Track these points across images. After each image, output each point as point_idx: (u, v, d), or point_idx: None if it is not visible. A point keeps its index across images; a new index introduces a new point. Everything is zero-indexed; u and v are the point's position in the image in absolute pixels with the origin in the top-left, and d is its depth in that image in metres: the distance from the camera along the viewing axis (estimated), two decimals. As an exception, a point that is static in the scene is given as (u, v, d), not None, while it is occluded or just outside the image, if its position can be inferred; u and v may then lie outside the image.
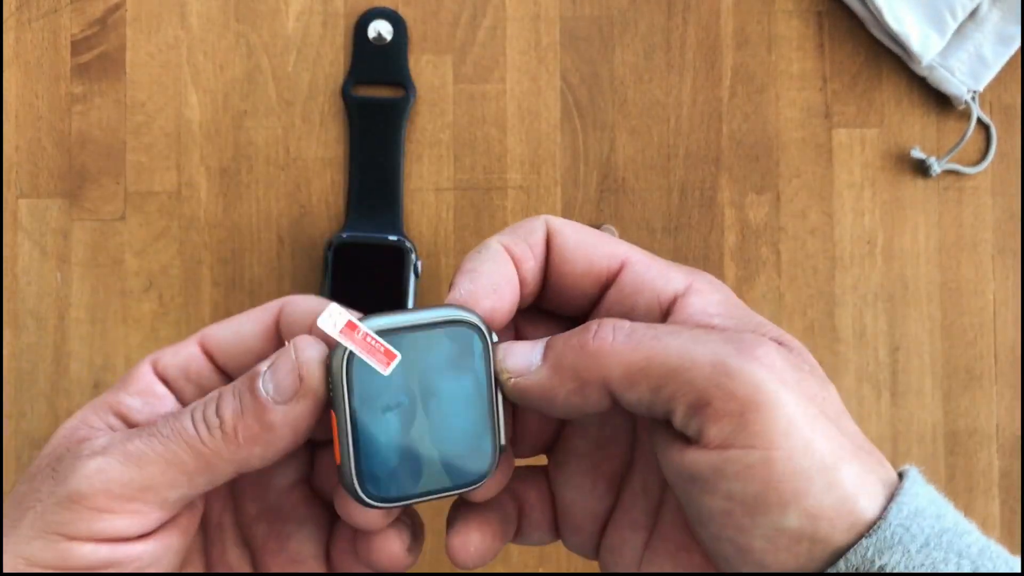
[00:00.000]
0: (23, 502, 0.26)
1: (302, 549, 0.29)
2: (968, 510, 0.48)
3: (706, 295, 0.29)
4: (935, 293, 0.49)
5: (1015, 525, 0.48)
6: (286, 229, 0.48)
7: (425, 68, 0.48)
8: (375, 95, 0.48)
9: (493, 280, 0.27)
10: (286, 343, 0.27)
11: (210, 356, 0.29)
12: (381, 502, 0.26)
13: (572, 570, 0.48)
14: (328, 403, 0.26)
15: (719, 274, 0.48)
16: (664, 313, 0.28)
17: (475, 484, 0.27)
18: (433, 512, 0.48)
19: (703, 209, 0.49)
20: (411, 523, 0.29)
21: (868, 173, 0.49)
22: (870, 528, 0.24)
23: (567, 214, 0.48)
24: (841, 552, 0.24)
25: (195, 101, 0.48)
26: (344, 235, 0.46)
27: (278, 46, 0.48)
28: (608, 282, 0.29)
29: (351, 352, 0.25)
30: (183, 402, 0.29)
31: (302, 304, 0.28)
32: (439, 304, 0.27)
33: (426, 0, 0.48)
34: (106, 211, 0.48)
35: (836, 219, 0.49)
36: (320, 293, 0.46)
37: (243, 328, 0.29)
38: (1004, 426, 0.49)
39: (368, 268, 0.45)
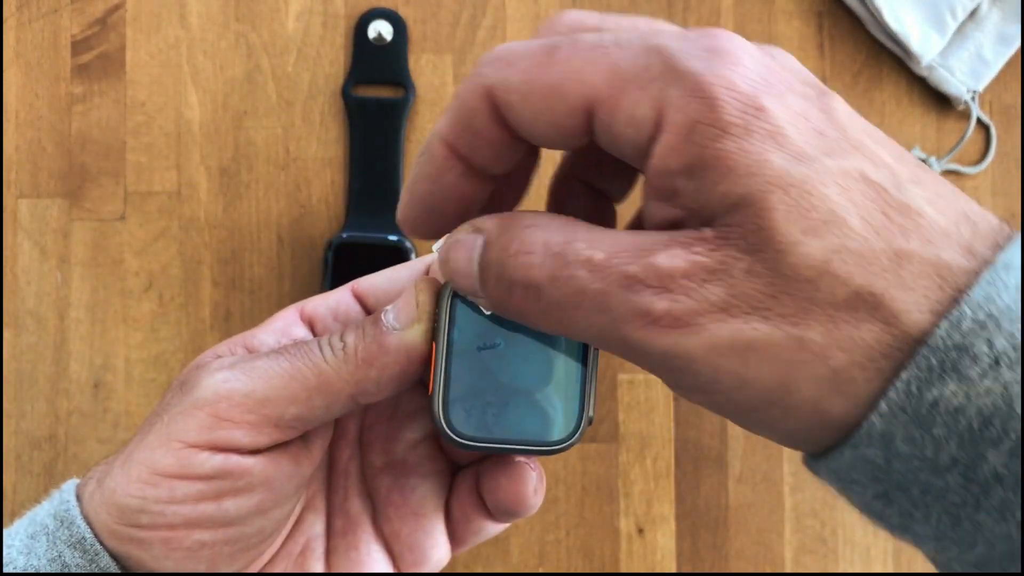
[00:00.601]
0: (152, 418, 0.28)
1: (424, 503, 0.30)
2: (968, 510, 0.48)
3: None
4: (935, 293, 0.49)
5: (1015, 525, 0.48)
6: (286, 229, 0.48)
7: (425, 68, 0.48)
8: (375, 95, 0.48)
9: (431, 205, 0.26)
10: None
11: (361, 300, 0.31)
12: (463, 439, 0.27)
13: (572, 570, 0.48)
14: (432, 335, 0.27)
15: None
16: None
17: (556, 448, 0.27)
18: (433, 512, 0.48)
19: (703, 209, 0.49)
20: (537, 468, 0.30)
21: (868, 173, 0.49)
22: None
23: (567, 214, 0.48)
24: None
25: (195, 101, 0.48)
26: (344, 235, 0.46)
27: (278, 46, 0.48)
28: (588, 133, 0.24)
29: (455, 290, 0.27)
30: None
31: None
32: None
33: (426, 0, 0.48)
34: (106, 211, 0.48)
35: (836, 219, 0.49)
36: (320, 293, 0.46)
37: (397, 274, 0.31)
38: (1004, 426, 0.49)
39: (368, 268, 0.45)
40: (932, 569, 0.26)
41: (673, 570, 0.48)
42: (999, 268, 0.21)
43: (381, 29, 0.48)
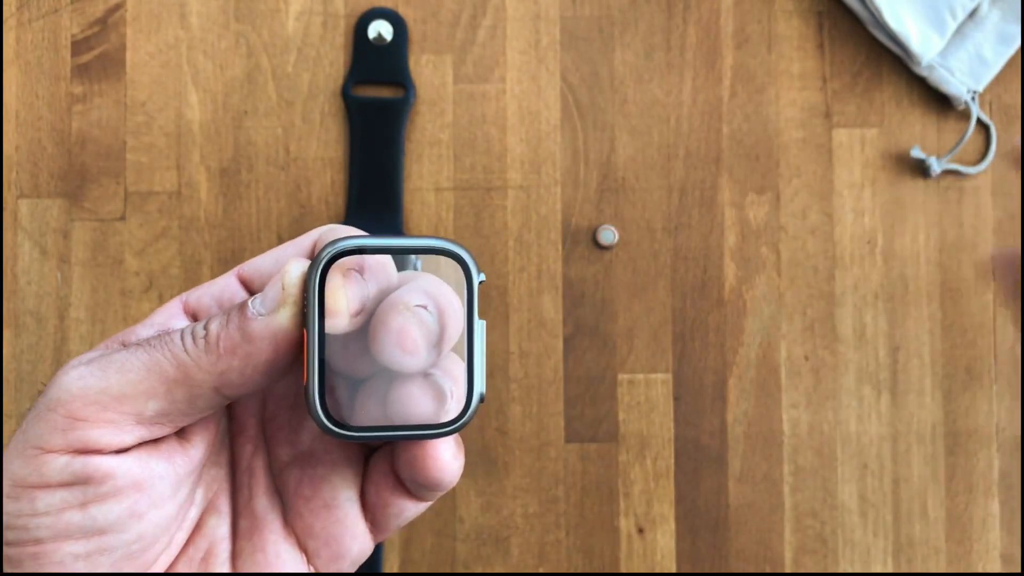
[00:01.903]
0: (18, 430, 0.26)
1: (337, 493, 0.29)
2: (968, 510, 0.48)
3: None
4: (935, 293, 0.49)
5: (1015, 525, 0.48)
6: (286, 229, 0.48)
7: (425, 68, 0.48)
8: (375, 95, 0.48)
9: None
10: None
11: (247, 285, 0.29)
12: (344, 430, 0.25)
13: (572, 570, 0.48)
14: (302, 319, 0.25)
15: (719, 274, 0.48)
16: None
17: (447, 430, 0.26)
18: (432, 512, 0.48)
19: (703, 209, 0.49)
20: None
21: (868, 173, 0.49)
22: None
23: (567, 214, 0.48)
24: None
25: (195, 101, 0.48)
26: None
27: (278, 46, 0.48)
28: None
29: (324, 266, 0.25)
30: None
31: (337, 232, 0.28)
32: (430, 235, 0.26)
33: (426, 0, 0.48)
34: (106, 211, 0.48)
35: (836, 219, 0.49)
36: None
37: (282, 255, 0.29)
38: (1004, 426, 0.49)
39: None
40: (931, 569, 0.26)
41: (673, 570, 0.48)
42: None
43: (381, 29, 0.48)
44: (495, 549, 0.48)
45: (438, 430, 0.26)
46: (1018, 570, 0.48)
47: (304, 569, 0.29)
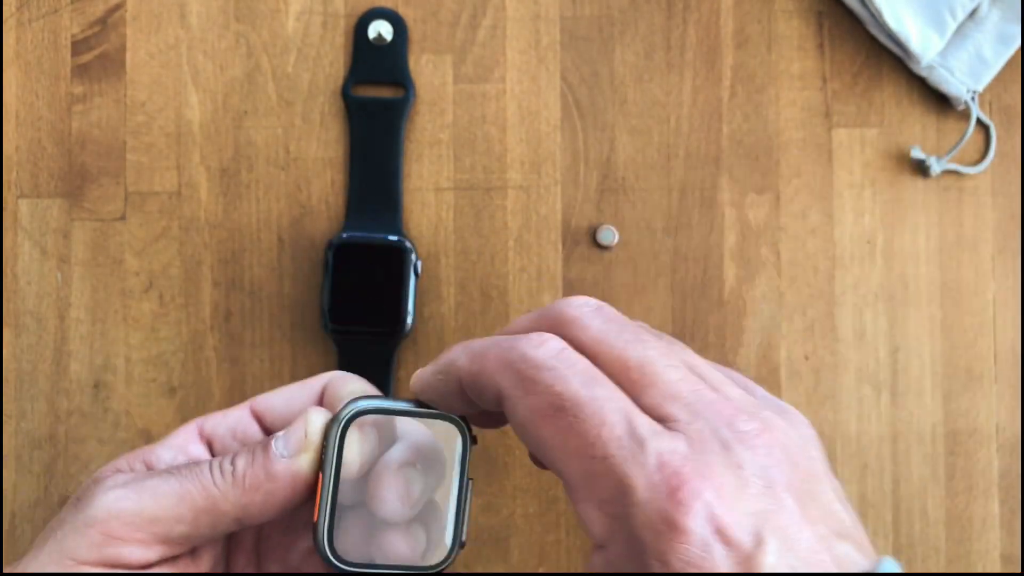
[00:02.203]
0: (48, 531, 0.29)
1: None
2: (968, 510, 0.48)
3: None
4: (935, 293, 0.49)
5: (1015, 525, 0.48)
6: (286, 229, 0.48)
7: (425, 68, 0.48)
8: (375, 95, 0.48)
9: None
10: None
11: (259, 419, 0.33)
12: (344, 564, 0.29)
13: (572, 570, 0.48)
14: (319, 465, 0.29)
15: (719, 274, 0.48)
16: None
17: (431, 572, 0.31)
18: (433, 512, 0.48)
19: (703, 209, 0.49)
20: None
21: (868, 173, 0.49)
22: None
23: (567, 214, 0.48)
24: None
25: (195, 101, 0.48)
26: (344, 235, 0.46)
27: (278, 46, 0.48)
28: None
29: (346, 423, 0.29)
30: None
31: (345, 384, 0.32)
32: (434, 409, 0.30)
33: (426, 0, 0.48)
34: (106, 211, 0.48)
35: (836, 219, 0.49)
36: (320, 294, 0.46)
37: (294, 395, 0.33)
38: (1004, 426, 0.49)
39: (368, 268, 0.45)
40: (931, 569, 0.26)
41: (673, 570, 0.48)
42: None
43: (381, 29, 0.48)
44: (495, 549, 0.48)
45: (423, 571, 0.31)
46: (1018, 570, 0.48)
47: None
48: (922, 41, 0.47)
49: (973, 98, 0.48)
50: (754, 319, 0.48)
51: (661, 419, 0.27)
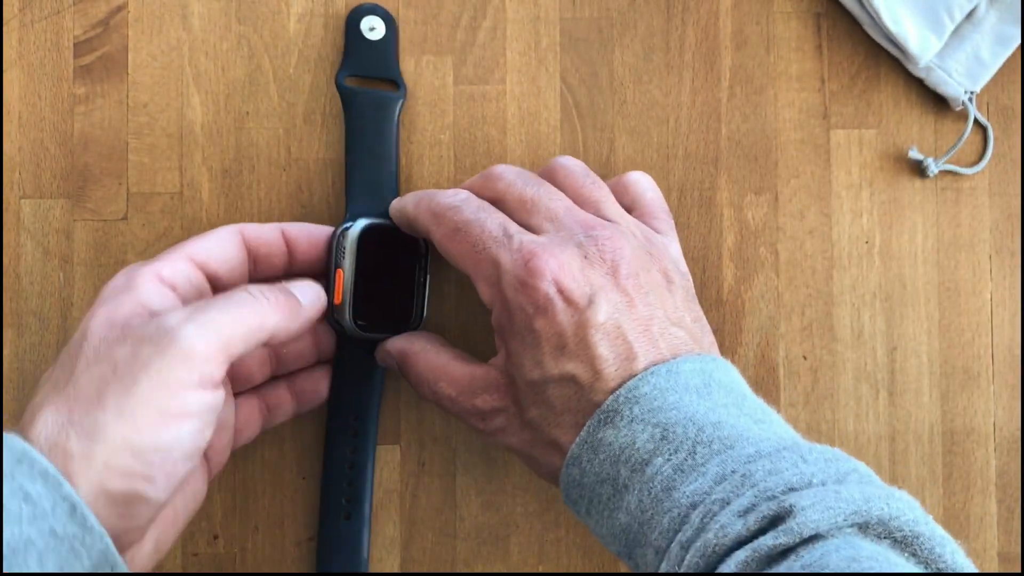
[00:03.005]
0: (122, 371, 0.33)
1: (226, 420, 0.41)
2: (965, 509, 0.48)
3: None
4: (933, 293, 0.49)
5: (1012, 524, 0.49)
6: (287, 229, 0.48)
7: (425, 69, 0.49)
8: (368, 87, 0.48)
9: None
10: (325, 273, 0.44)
11: (203, 268, 0.40)
12: (364, 331, 0.44)
13: (572, 570, 0.48)
14: (335, 264, 0.43)
15: (718, 274, 0.49)
16: None
17: (410, 328, 0.45)
18: (432, 511, 0.48)
19: (702, 209, 0.49)
20: None
21: (866, 174, 0.49)
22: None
23: (567, 214, 0.48)
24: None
25: (197, 102, 0.48)
26: (366, 222, 0.44)
27: (279, 48, 0.48)
28: None
29: (362, 233, 0.43)
30: (184, 303, 0.38)
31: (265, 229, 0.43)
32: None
33: (426, 1, 0.49)
34: (108, 211, 0.48)
35: (834, 219, 0.49)
36: (329, 283, 0.44)
37: (223, 247, 0.41)
38: (1001, 425, 0.49)
39: (391, 259, 0.45)
40: (933, 569, 0.26)
41: (672, 568, 0.48)
42: (647, 374, 0.36)
43: (373, 23, 0.48)
44: (495, 548, 0.48)
45: (405, 328, 0.45)
46: (1017, 569, 0.48)
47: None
48: (920, 42, 0.48)
49: (971, 99, 0.49)
50: (752, 319, 0.49)
51: (534, 230, 0.40)
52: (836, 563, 0.28)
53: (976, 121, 0.49)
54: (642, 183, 0.44)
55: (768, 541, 0.29)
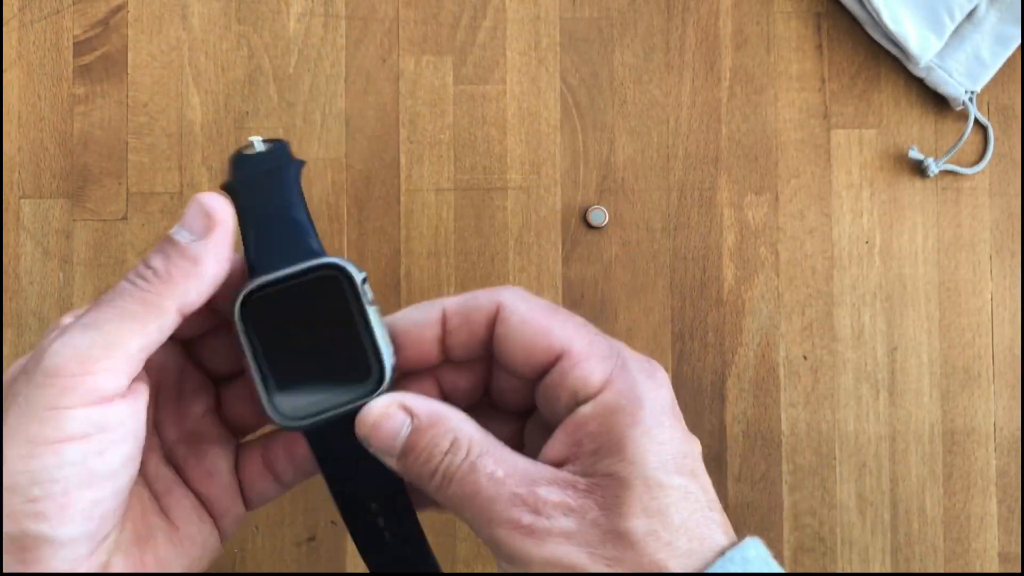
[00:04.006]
0: (9, 400, 0.28)
1: (217, 463, 0.34)
2: (966, 509, 0.48)
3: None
4: (933, 293, 0.49)
5: (1012, 524, 0.49)
6: (287, 229, 0.48)
7: (425, 69, 0.49)
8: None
9: (408, 326, 0.32)
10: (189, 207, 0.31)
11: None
12: (291, 421, 0.31)
13: (572, 568, 0.48)
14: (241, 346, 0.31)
15: (718, 274, 0.49)
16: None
17: (367, 398, 0.31)
18: (432, 511, 0.48)
19: (702, 209, 0.49)
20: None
21: (866, 174, 0.49)
22: None
23: (567, 214, 0.48)
24: None
25: (197, 102, 0.48)
26: (250, 285, 0.31)
27: (279, 47, 0.48)
28: (544, 373, 0.32)
29: (242, 303, 0.30)
30: None
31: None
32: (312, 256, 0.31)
33: (426, 1, 0.49)
34: (108, 211, 0.48)
35: (834, 219, 0.49)
36: (246, 368, 0.33)
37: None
38: (1001, 425, 0.49)
39: (304, 310, 0.32)
40: (929, 568, 0.26)
41: (672, 568, 0.48)
42: (726, 560, 0.29)
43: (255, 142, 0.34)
44: (495, 548, 0.48)
45: (365, 400, 0.31)
46: (1017, 569, 0.48)
47: (209, 525, 0.34)
48: (920, 42, 0.48)
49: (971, 99, 0.49)
50: (753, 319, 0.49)
51: None
52: None
53: (976, 121, 0.49)
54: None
55: None
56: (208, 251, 0.30)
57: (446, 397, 0.34)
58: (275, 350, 0.31)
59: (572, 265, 0.48)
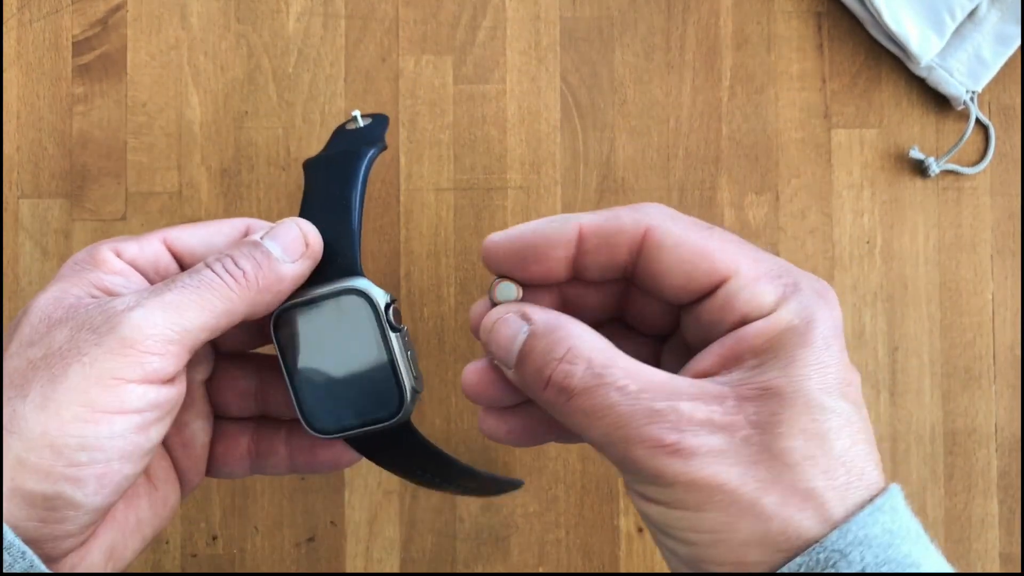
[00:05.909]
0: (54, 358, 0.28)
1: (196, 436, 0.36)
2: (967, 509, 0.48)
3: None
4: (934, 293, 0.49)
5: (1014, 524, 0.48)
6: (287, 229, 0.48)
7: (425, 68, 0.48)
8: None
9: (538, 241, 0.31)
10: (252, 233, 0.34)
11: (177, 257, 0.34)
12: (323, 433, 0.34)
13: (572, 570, 0.48)
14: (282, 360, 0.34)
15: (718, 274, 0.49)
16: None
17: (394, 421, 0.34)
18: (432, 512, 0.48)
19: (703, 209, 0.49)
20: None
21: (867, 173, 0.49)
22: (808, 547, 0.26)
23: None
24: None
25: (196, 102, 0.48)
26: (287, 304, 0.34)
27: (279, 47, 0.48)
28: (703, 297, 0.30)
29: (278, 315, 0.34)
30: None
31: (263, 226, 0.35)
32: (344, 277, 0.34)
33: (426, 0, 0.49)
34: (107, 211, 0.48)
35: (835, 219, 0.49)
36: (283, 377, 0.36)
37: (213, 239, 0.34)
38: (1003, 425, 0.49)
39: (334, 330, 0.34)
40: (934, 570, 0.26)
41: (673, 569, 0.48)
42: (876, 508, 0.26)
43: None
44: (495, 548, 0.48)
45: (388, 423, 0.34)
46: (1018, 570, 0.48)
47: (177, 488, 0.35)
48: (921, 42, 0.48)
49: (972, 98, 0.48)
50: (753, 319, 0.49)
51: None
52: None
53: (977, 120, 0.49)
54: None
55: None
56: (294, 274, 0.32)
57: (572, 314, 0.31)
58: (307, 363, 0.34)
59: (572, 265, 0.48)
